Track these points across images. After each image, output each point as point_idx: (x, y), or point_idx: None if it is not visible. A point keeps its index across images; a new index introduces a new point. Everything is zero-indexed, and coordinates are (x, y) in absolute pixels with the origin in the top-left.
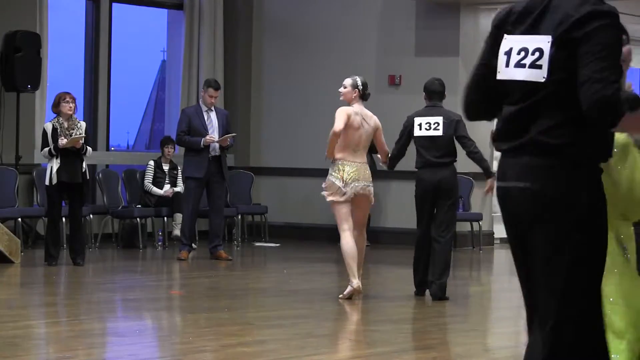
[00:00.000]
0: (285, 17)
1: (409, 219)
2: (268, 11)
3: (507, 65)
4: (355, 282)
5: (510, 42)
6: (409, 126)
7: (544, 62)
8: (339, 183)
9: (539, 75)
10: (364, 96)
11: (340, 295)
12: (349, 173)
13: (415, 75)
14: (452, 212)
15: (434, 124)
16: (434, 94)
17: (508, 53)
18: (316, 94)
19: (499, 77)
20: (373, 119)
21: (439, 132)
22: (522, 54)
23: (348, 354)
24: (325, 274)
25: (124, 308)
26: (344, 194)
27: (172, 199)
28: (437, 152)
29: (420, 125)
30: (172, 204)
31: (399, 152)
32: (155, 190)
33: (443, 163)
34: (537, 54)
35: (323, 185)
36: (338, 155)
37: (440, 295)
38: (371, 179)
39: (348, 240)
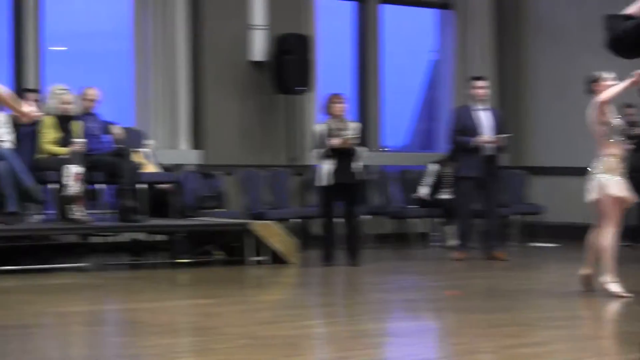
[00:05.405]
0: (556, 17)
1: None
2: (538, 11)
3: None
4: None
5: None
6: None
7: None
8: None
9: None
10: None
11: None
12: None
13: None
14: None
15: None
16: None
17: None
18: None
19: None
20: None
21: None
22: None
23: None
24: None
25: (400, 308)
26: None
27: (448, 207)
28: None
29: None
30: (448, 210)
31: None
32: (424, 192)
33: None
34: None
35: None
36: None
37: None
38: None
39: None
